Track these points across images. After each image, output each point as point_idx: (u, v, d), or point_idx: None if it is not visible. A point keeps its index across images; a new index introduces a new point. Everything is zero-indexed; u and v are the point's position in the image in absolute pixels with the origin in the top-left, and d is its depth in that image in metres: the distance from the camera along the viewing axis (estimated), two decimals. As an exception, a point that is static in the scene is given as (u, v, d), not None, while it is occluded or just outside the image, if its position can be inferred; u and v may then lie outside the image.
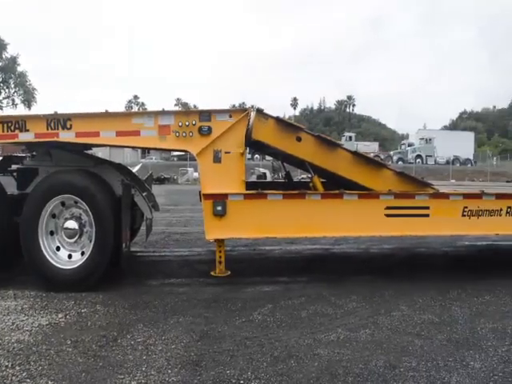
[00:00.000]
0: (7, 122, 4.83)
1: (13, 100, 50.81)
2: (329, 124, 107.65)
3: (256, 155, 34.24)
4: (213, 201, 4.89)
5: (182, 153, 11.99)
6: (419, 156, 43.68)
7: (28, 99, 50.29)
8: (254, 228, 5.04)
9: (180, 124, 4.85)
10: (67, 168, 5.03)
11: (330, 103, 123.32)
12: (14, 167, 5.35)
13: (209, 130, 4.88)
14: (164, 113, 4.95)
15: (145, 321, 3.90)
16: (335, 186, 5.22)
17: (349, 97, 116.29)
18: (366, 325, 3.88)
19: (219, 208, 4.88)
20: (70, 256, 4.81)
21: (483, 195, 5.40)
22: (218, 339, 3.52)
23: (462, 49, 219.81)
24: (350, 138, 44.12)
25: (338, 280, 5.30)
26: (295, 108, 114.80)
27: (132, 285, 4.98)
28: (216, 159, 4.92)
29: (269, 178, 21.57)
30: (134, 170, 6.33)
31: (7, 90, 50.65)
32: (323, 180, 5.52)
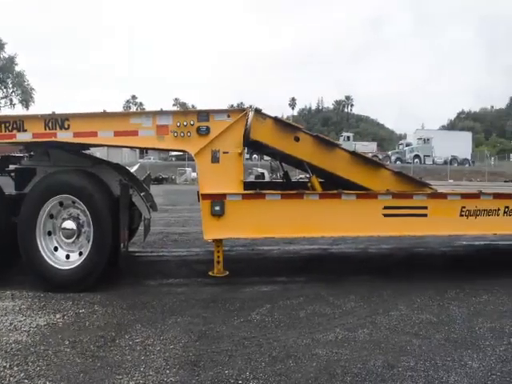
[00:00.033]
0: (5, 122, 4.81)
1: (11, 100, 50.90)
2: (327, 124, 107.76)
3: (254, 155, 34.31)
4: (211, 201, 4.89)
5: (180, 153, 12.00)
6: (417, 156, 43.81)
7: (26, 99, 50.24)
8: (253, 228, 5.04)
9: (178, 124, 4.85)
10: (65, 168, 5.02)
11: (328, 103, 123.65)
12: (12, 167, 5.34)
13: (207, 130, 4.87)
14: (162, 113, 4.95)
15: (143, 321, 3.90)
16: (333, 186, 5.22)
17: (347, 97, 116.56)
18: (365, 324, 3.88)
19: (217, 208, 4.87)
20: (68, 256, 4.81)
21: (481, 195, 5.41)
22: (217, 339, 3.52)
23: (461, 49, 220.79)
24: (348, 138, 44.19)
25: (337, 280, 5.30)
26: (293, 108, 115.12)
27: (130, 285, 4.98)
28: (214, 159, 4.92)
29: (267, 178, 21.59)
30: (132, 170, 6.32)
31: (5, 90, 50.69)
32: (321, 180, 5.52)
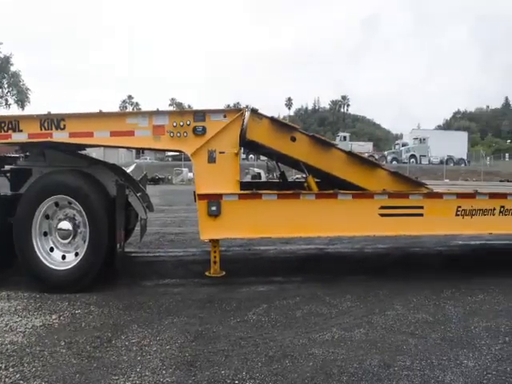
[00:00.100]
0: (0, 123, 4.80)
1: (6, 100, 50.65)
2: (323, 124, 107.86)
3: (250, 155, 34.24)
4: (207, 201, 4.89)
5: (177, 153, 11.99)
6: (413, 156, 43.86)
7: (21, 99, 50.05)
8: (249, 228, 5.04)
9: (174, 124, 4.84)
10: (61, 168, 5.00)
11: (325, 103, 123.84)
12: (8, 168, 5.32)
13: (203, 130, 4.87)
14: (158, 113, 4.94)
15: (139, 321, 3.89)
16: (330, 186, 5.23)
17: (343, 97, 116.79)
18: (361, 324, 3.89)
19: (214, 208, 4.87)
20: (64, 257, 4.79)
21: (477, 195, 5.43)
22: (213, 339, 3.52)
23: (456, 49, 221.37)
24: (345, 138, 44.23)
25: (333, 280, 5.31)
26: (290, 108, 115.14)
27: (126, 285, 4.97)
28: (210, 159, 4.92)
29: (263, 178, 21.55)
30: (129, 171, 6.32)
31: (0, 90, 50.40)
32: (318, 180, 5.54)
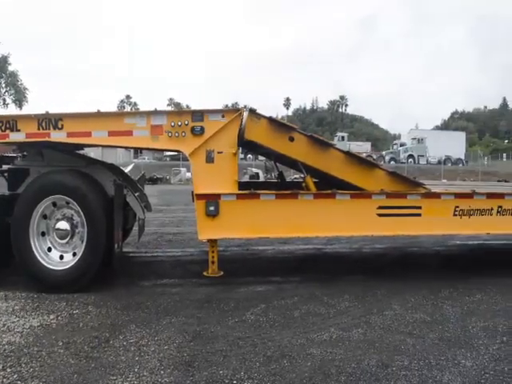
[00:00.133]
0: None
1: (4, 100, 50.52)
2: (321, 124, 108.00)
3: (249, 155, 34.30)
4: (205, 201, 4.88)
5: (175, 153, 11.98)
6: (411, 156, 44.02)
7: (19, 99, 49.94)
8: (247, 228, 5.04)
9: (172, 124, 4.83)
10: (59, 168, 4.99)
11: (323, 103, 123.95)
12: (5, 167, 5.31)
13: (201, 130, 4.87)
14: (156, 113, 4.94)
15: (137, 321, 3.88)
16: (328, 186, 5.23)
17: (341, 97, 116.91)
18: (359, 324, 3.89)
19: (212, 208, 4.87)
20: (62, 257, 4.78)
21: (474, 195, 5.44)
22: (211, 339, 3.52)
23: (455, 49, 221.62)
24: (343, 138, 44.31)
25: (331, 280, 5.32)
26: (288, 108, 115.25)
27: (124, 285, 4.96)
28: (209, 159, 4.91)
29: (261, 178, 21.61)
30: (127, 170, 6.30)
31: (-2, 90, 50.32)
32: (316, 180, 5.54)
